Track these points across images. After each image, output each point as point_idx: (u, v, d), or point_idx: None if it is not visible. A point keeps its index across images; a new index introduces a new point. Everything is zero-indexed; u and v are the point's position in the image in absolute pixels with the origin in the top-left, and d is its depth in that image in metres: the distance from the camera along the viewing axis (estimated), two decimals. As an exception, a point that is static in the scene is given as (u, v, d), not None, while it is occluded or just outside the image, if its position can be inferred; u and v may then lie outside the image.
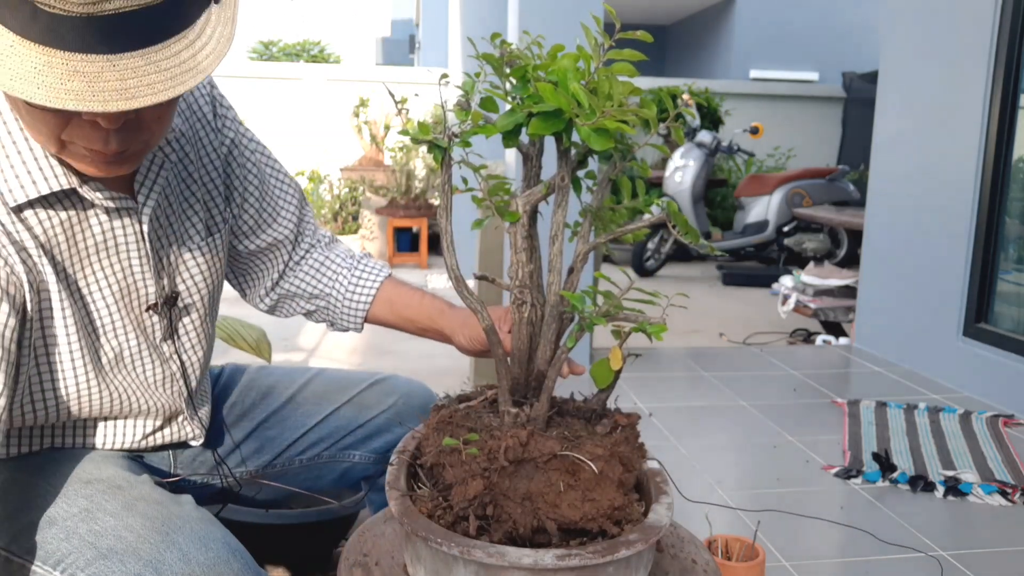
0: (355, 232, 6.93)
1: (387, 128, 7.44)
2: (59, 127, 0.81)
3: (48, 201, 0.92)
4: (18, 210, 0.89)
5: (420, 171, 6.94)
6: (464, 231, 1.97)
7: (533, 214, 0.89)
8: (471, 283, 4.05)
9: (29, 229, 0.90)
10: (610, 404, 0.95)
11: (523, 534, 0.82)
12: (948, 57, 3.42)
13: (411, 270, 6.70)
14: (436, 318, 1.23)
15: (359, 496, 1.66)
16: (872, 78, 5.44)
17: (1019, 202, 3.21)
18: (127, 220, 0.99)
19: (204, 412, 1.22)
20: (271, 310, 1.33)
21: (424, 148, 0.86)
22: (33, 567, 0.82)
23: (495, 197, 0.86)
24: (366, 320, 1.29)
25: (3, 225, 0.88)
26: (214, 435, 1.26)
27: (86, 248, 0.97)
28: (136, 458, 1.14)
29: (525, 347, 0.91)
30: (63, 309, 0.93)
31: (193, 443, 1.21)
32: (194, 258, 1.10)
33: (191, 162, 1.11)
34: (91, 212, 0.96)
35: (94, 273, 0.98)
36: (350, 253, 1.33)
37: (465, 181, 0.89)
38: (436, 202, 6.74)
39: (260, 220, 1.23)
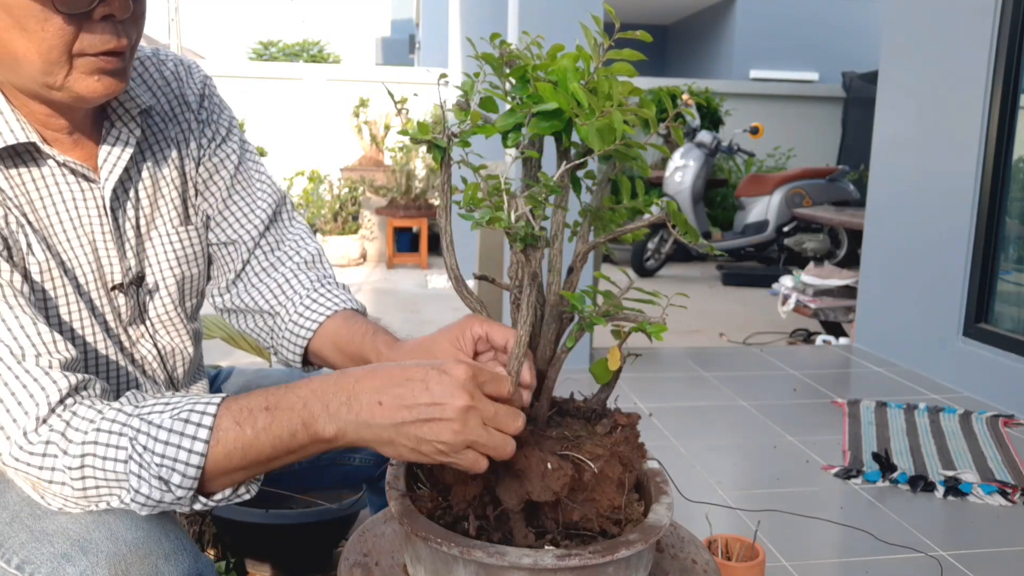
0: (355, 232, 6.93)
1: (387, 128, 7.44)
2: (73, 37, 0.84)
3: (12, 159, 0.92)
4: None
5: (420, 171, 6.94)
6: (464, 231, 1.97)
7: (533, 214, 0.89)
8: (471, 283, 4.05)
9: None
10: (610, 404, 0.95)
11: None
12: (948, 57, 3.42)
13: (411, 270, 6.70)
14: (375, 358, 1.06)
15: (359, 496, 1.66)
16: (872, 78, 5.43)
17: (1019, 202, 3.21)
18: (92, 193, 0.99)
19: None
20: (222, 314, 1.25)
21: (424, 148, 0.85)
22: None
23: (495, 197, 0.86)
24: (307, 355, 1.14)
25: None
26: None
27: (57, 214, 0.96)
28: None
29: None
30: (38, 273, 0.92)
31: None
32: (163, 244, 1.08)
33: (167, 146, 1.09)
34: (57, 178, 0.96)
35: (64, 243, 0.96)
36: (321, 275, 1.19)
37: (465, 181, 0.89)
38: (436, 202, 6.74)
39: (223, 212, 1.17)
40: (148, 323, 1.08)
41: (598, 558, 0.75)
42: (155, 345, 1.09)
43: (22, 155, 0.93)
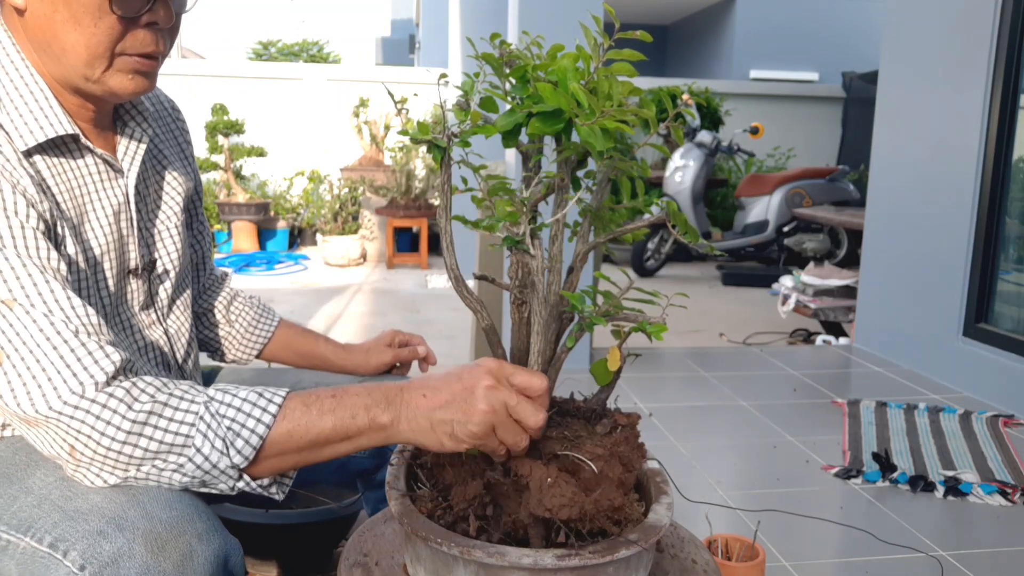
0: (355, 232, 6.93)
1: (387, 128, 7.44)
2: (120, 36, 0.95)
3: (53, 148, 0.99)
4: (27, 155, 0.95)
5: (420, 171, 6.94)
6: (464, 231, 1.97)
7: (533, 214, 0.89)
8: (471, 283, 4.05)
9: (39, 173, 0.96)
10: (610, 404, 0.95)
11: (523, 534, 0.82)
12: (948, 57, 3.43)
13: (411, 270, 6.70)
14: (335, 361, 1.40)
15: (359, 496, 1.66)
16: (872, 78, 5.44)
17: (1019, 202, 3.21)
18: (117, 182, 1.07)
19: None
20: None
21: (424, 148, 0.86)
22: (7, 536, 0.84)
23: (495, 197, 0.86)
24: (259, 356, 1.42)
25: (24, 168, 0.93)
26: None
27: (91, 203, 1.03)
28: None
29: (524, 347, 0.91)
30: (69, 256, 0.97)
31: None
32: (167, 235, 1.17)
33: (167, 149, 1.20)
34: (91, 168, 1.03)
35: (94, 230, 1.03)
36: (248, 296, 1.47)
37: (465, 181, 0.89)
38: (436, 202, 6.74)
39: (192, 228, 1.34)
40: (158, 308, 1.15)
41: (598, 558, 0.75)
42: (165, 331, 1.16)
43: (59, 147, 1.00)
